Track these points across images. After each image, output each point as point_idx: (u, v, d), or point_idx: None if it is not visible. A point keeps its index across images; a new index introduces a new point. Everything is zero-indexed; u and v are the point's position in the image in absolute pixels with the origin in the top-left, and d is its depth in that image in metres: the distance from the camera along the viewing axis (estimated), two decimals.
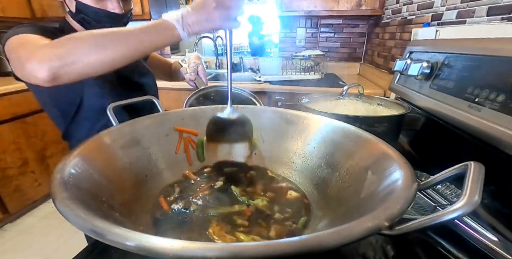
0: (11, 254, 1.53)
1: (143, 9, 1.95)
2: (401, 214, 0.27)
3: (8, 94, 1.60)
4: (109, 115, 0.54)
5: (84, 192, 0.34)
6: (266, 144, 0.61)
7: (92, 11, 0.66)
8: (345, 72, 2.15)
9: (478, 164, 0.30)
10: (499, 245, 0.41)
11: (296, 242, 0.22)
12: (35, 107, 1.72)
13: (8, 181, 1.65)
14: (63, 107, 0.72)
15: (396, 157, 0.39)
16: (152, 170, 0.53)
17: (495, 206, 0.47)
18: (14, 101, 1.63)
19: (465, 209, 0.25)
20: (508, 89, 0.47)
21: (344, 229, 0.24)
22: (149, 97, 0.63)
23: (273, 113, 0.63)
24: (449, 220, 0.25)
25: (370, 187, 0.39)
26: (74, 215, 0.26)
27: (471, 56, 0.59)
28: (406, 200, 0.28)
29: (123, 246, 0.22)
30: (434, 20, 1.02)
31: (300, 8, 1.74)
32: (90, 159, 0.40)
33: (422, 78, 0.74)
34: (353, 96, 0.89)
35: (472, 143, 0.55)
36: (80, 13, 0.67)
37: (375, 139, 0.46)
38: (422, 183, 0.34)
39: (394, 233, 0.26)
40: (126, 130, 0.52)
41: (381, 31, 1.68)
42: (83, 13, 0.67)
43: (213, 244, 0.22)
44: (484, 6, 0.76)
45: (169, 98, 1.72)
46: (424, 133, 0.77)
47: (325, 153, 0.53)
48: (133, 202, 0.45)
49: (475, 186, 0.27)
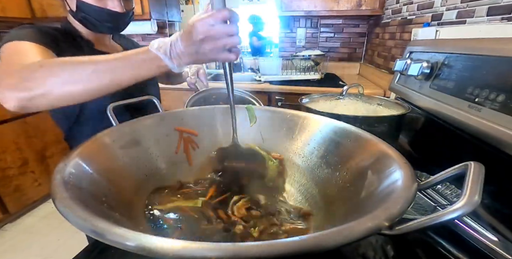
0: (11, 254, 1.53)
1: (143, 9, 1.94)
2: (401, 214, 0.27)
3: None
4: (109, 115, 0.54)
5: (84, 192, 0.34)
6: (266, 144, 0.61)
7: (92, 10, 0.66)
8: (345, 72, 2.15)
9: (478, 164, 0.30)
10: (499, 245, 0.41)
11: (296, 242, 0.22)
12: None
13: (8, 181, 1.65)
14: (66, 108, 0.72)
15: (396, 157, 0.39)
16: (152, 170, 0.53)
17: (495, 206, 0.47)
18: None
19: (465, 209, 0.25)
20: (508, 89, 0.47)
21: (344, 229, 0.24)
22: (149, 97, 0.63)
23: (273, 113, 0.63)
24: (449, 220, 0.25)
25: (370, 187, 0.39)
26: (74, 215, 0.26)
27: (471, 56, 0.59)
28: (406, 200, 0.28)
29: (123, 246, 0.22)
30: (434, 20, 1.02)
31: (300, 8, 1.74)
32: (90, 159, 0.40)
33: (422, 78, 0.74)
34: (353, 96, 0.89)
35: (472, 143, 0.55)
36: (81, 12, 0.67)
37: (375, 139, 0.46)
38: (422, 183, 0.34)
39: (394, 233, 0.26)
40: (126, 130, 0.52)
41: (381, 31, 1.68)
42: (84, 12, 0.67)
43: (213, 244, 0.22)
44: (484, 6, 0.76)
45: (169, 98, 1.72)
46: (424, 133, 0.77)
47: (325, 153, 0.53)
48: (133, 202, 0.45)
49: (475, 186, 0.27)
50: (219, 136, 0.63)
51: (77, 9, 0.67)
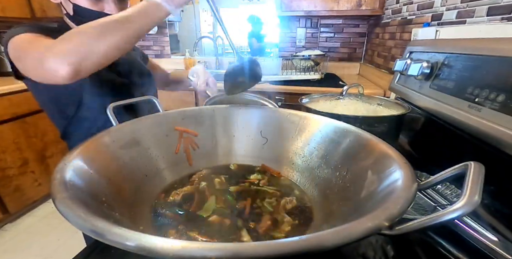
0: (11, 254, 1.53)
1: None
2: (401, 214, 0.27)
3: (8, 94, 1.59)
4: (109, 115, 0.54)
5: (84, 192, 0.34)
6: (266, 144, 0.61)
7: (89, 14, 0.66)
8: (345, 72, 2.15)
9: (478, 164, 0.30)
10: (499, 245, 0.41)
11: (296, 242, 0.22)
12: (35, 108, 1.72)
13: (8, 181, 1.65)
14: (62, 107, 0.72)
15: (396, 157, 0.39)
16: (152, 170, 0.53)
17: (495, 206, 0.47)
18: (14, 101, 1.63)
19: (465, 209, 0.25)
20: (508, 89, 0.47)
21: (344, 229, 0.24)
22: (149, 97, 0.63)
23: (273, 113, 0.63)
24: (449, 220, 0.25)
25: (370, 187, 0.39)
26: (74, 215, 0.26)
27: (471, 56, 0.59)
28: (406, 200, 0.28)
29: (123, 246, 0.22)
30: (434, 20, 1.02)
31: (300, 8, 1.74)
32: (90, 159, 0.40)
33: (422, 78, 0.74)
34: (353, 96, 0.89)
35: (472, 143, 0.55)
36: (77, 16, 0.67)
37: (375, 138, 0.46)
38: (422, 183, 0.34)
39: (394, 233, 0.26)
40: (126, 130, 0.52)
41: (381, 31, 1.68)
42: (80, 16, 0.66)
43: (213, 244, 0.22)
44: (484, 6, 0.76)
45: (169, 98, 1.72)
46: (424, 133, 0.77)
47: (325, 153, 0.53)
48: (133, 202, 0.45)
49: (475, 186, 0.27)
50: (219, 136, 0.63)
51: (74, 13, 0.67)
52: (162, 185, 0.53)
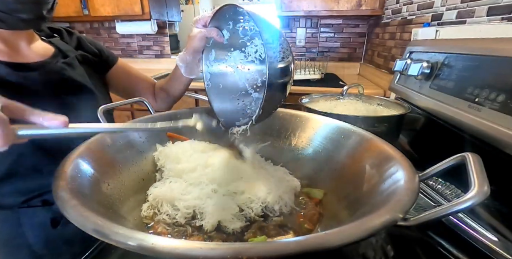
0: None
1: (143, 9, 1.93)
2: (412, 205, 0.28)
3: None
4: (100, 118, 0.51)
5: (86, 193, 0.34)
6: (266, 144, 0.61)
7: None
8: (345, 72, 2.15)
9: (475, 154, 0.31)
10: (499, 245, 0.41)
11: (296, 242, 0.22)
12: None
13: None
14: None
15: (393, 151, 0.40)
16: (148, 173, 0.53)
17: (495, 206, 0.47)
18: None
19: (476, 198, 0.25)
20: (508, 89, 0.47)
21: (363, 223, 0.25)
22: (139, 99, 0.62)
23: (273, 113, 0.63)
24: (462, 209, 0.25)
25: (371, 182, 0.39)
26: (77, 215, 0.26)
27: (471, 56, 0.59)
28: (413, 192, 0.30)
29: (125, 246, 0.22)
30: (434, 20, 1.02)
31: (300, 8, 1.74)
32: (90, 159, 0.41)
33: (422, 78, 0.74)
34: (353, 96, 0.89)
35: (472, 142, 0.55)
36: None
37: (374, 137, 0.46)
38: (421, 174, 0.36)
39: (410, 224, 0.27)
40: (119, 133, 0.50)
41: (381, 31, 1.68)
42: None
43: (214, 243, 0.22)
44: (484, 6, 0.76)
45: None
46: (424, 132, 0.77)
47: (325, 153, 0.53)
48: (133, 202, 0.45)
49: (481, 176, 0.27)
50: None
51: None
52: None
